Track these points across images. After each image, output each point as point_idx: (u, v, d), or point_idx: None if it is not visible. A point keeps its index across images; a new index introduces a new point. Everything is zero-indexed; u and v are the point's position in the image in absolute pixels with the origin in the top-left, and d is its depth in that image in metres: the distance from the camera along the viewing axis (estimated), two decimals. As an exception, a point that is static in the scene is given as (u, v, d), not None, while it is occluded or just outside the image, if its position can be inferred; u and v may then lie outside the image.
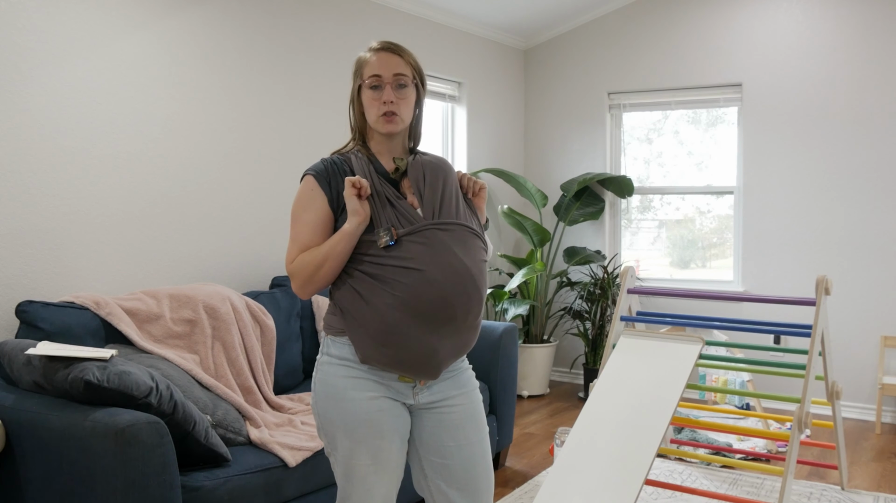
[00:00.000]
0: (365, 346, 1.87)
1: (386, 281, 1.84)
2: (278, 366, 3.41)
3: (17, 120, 2.86)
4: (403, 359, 1.86)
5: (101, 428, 2.14)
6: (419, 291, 1.82)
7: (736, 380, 4.61)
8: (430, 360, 1.87)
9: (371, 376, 1.91)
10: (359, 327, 1.87)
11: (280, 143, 3.93)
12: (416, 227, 1.87)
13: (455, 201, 1.97)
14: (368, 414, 1.88)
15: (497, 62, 5.60)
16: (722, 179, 5.29)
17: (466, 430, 1.99)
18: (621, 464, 2.54)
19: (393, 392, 1.93)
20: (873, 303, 4.76)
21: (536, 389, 5.35)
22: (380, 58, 1.95)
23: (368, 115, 1.98)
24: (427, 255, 1.84)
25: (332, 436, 1.92)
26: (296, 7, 3.99)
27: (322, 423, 1.93)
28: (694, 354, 2.91)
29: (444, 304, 1.84)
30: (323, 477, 2.77)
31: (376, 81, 1.94)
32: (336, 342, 1.92)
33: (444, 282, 1.83)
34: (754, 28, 5.03)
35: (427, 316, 1.83)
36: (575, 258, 5.46)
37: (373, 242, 1.87)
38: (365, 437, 1.89)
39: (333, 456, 1.95)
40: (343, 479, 1.94)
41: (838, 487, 3.59)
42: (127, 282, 3.24)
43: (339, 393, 1.89)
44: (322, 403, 1.92)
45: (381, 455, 1.91)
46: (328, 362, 1.93)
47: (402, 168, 1.98)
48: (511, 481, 3.72)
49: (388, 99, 1.94)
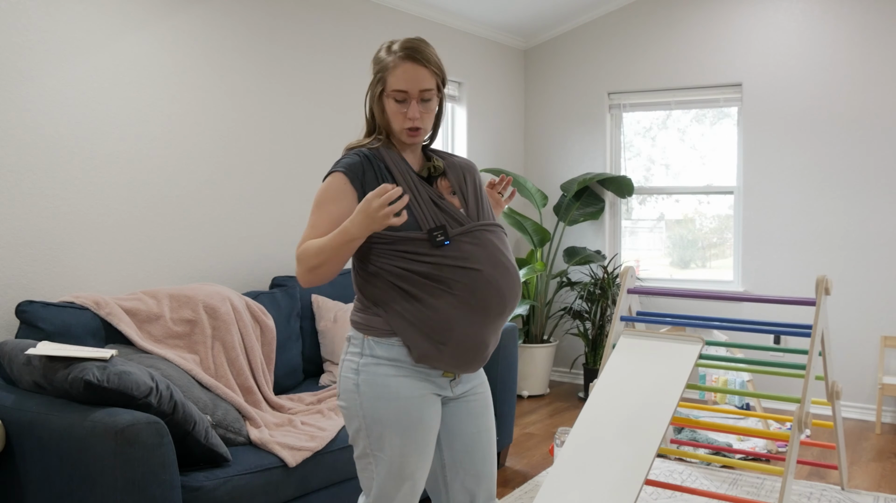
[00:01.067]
0: (422, 346, 1.87)
1: (442, 280, 1.86)
2: (278, 366, 3.41)
3: (17, 120, 2.86)
4: (460, 355, 1.90)
5: (101, 428, 2.14)
6: (478, 290, 1.87)
7: (736, 380, 4.61)
8: (482, 353, 1.94)
9: (419, 374, 1.92)
10: (412, 327, 1.87)
11: (280, 142, 3.93)
12: (468, 227, 1.92)
13: (486, 202, 2.04)
14: (420, 410, 1.91)
15: (497, 62, 5.60)
16: (722, 179, 5.29)
17: (485, 417, 2.08)
18: (621, 464, 2.54)
19: (436, 387, 1.96)
20: (873, 303, 4.76)
21: (536, 389, 5.35)
22: (405, 70, 1.90)
23: (392, 126, 1.96)
24: (482, 255, 1.90)
25: (379, 436, 1.90)
26: (296, 7, 3.99)
27: (367, 424, 1.90)
28: (694, 354, 2.91)
29: (499, 301, 1.90)
30: (323, 477, 2.78)
31: (401, 97, 1.92)
32: (382, 343, 1.90)
33: (500, 280, 1.90)
34: (754, 28, 5.03)
35: (484, 312, 1.89)
36: (575, 258, 5.46)
37: (422, 241, 1.87)
38: (416, 434, 1.91)
39: (375, 456, 1.92)
40: (387, 479, 1.92)
41: (838, 487, 3.59)
42: (127, 283, 3.24)
43: (390, 392, 1.88)
44: (370, 404, 1.89)
45: (427, 450, 1.95)
46: (373, 363, 1.90)
47: (440, 169, 2.01)
48: (511, 481, 3.72)
49: (414, 116, 1.92)
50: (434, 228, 1.87)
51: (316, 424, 2.92)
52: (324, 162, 4.17)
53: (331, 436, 2.82)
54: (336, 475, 2.83)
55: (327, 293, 3.79)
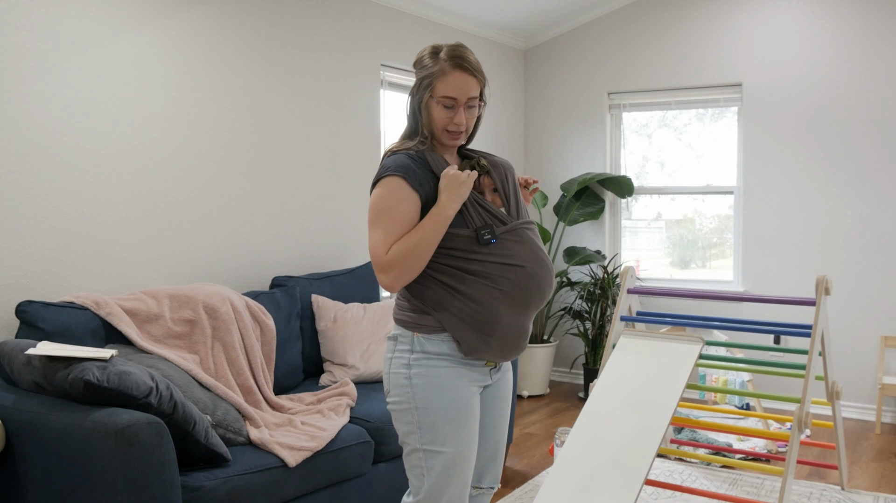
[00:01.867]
0: (471, 340, 1.96)
1: (490, 277, 1.95)
2: (278, 366, 3.41)
3: (17, 120, 2.86)
4: (505, 345, 2.00)
5: (101, 428, 2.14)
6: (523, 285, 1.97)
7: (736, 380, 4.61)
8: (524, 342, 2.06)
9: (466, 366, 2.01)
10: (461, 322, 1.95)
11: (280, 142, 3.93)
12: (511, 225, 2.01)
13: (522, 200, 2.16)
14: (468, 400, 2.00)
15: (497, 62, 5.60)
16: (722, 179, 5.29)
17: (507, 402, 2.20)
18: (621, 464, 2.54)
19: (480, 377, 2.05)
20: (873, 303, 4.76)
21: (536, 389, 5.35)
22: (455, 79, 1.97)
23: (435, 128, 2.02)
24: (525, 252, 2.00)
25: (433, 428, 1.96)
26: (296, 7, 3.99)
27: (420, 417, 1.97)
28: (694, 354, 2.91)
29: (540, 294, 2.02)
30: (323, 477, 2.78)
31: (450, 103, 1.98)
32: (432, 339, 1.98)
33: (541, 276, 2.01)
34: (754, 28, 5.03)
35: (525, 305, 2.00)
36: (575, 258, 5.46)
37: (469, 239, 1.95)
38: (467, 423, 1.99)
39: (427, 450, 1.97)
40: (440, 472, 1.97)
41: (838, 487, 3.59)
42: (127, 282, 3.24)
43: (441, 383, 1.96)
44: (422, 395, 1.96)
45: (474, 440, 2.03)
46: (425, 358, 1.97)
47: (485, 168, 2.08)
48: (511, 481, 3.72)
49: (461, 122, 2.00)
50: (481, 227, 1.96)
51: (316, 424, 2.93)
52: (324, 162, 4.17)
53: (331, 436, 2.82)
54: (336, 475, 2.83)
55: (327, 293, 3.79)
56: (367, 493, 3.00)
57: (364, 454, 2.96)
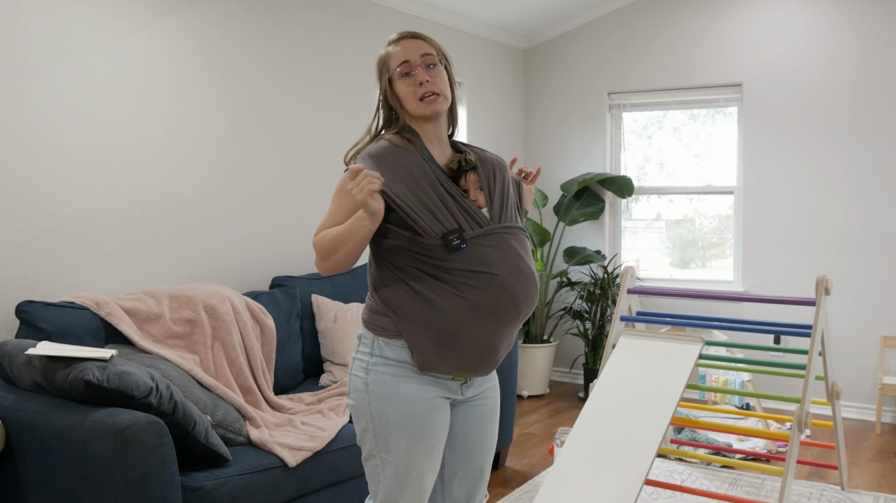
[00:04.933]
0: (426, 353, 1.83)
1: (454, 284, 1.80)
2: (278, 366, 3.41)
3: (17, 120, 2.86)
4: (466, 362, 1.86)
5: (101, 428, 2.13)
6: (492, 295, 1.81)
7: (736, 380, 4.61)
8: (492, 359, 1.90)
9: (428, 377, 1.89)
10: (419, 331, 1.83)
11: (280, 142, 3.93)
12: (487, 229, 1.86)
13: (512, 203, 1.99)
14: (428, 413, 1.88)
15: (497, 62, 5.60)
16: (722, 179, 5.29)
17: (491, 422, 2.06)
18: (621, 464, 2.54)
19: (446, 390, 1.92)
20: (873, 303, 4.76)
21: (536, 389, 5.35)
22: (403, 45, 1.94)
23: (408, 105, 1.92)
24: (499, 259, 1.84)
25: (386, 438, 1.87)
26: (296, 7, 3.99)
27: (374, 425, 1.88)
28: (694, 354, 2.91)
29: (514, 307, 1.85)
30: (323, 477, 2.77)
31: (406, 68, 1.91)
32: (391, 345, 1.87)
33: (516, 286, 1.84)
34: (754, 28, 5.03)
35: (496, 318, 1.84)
36: (575, 258, 5.46)
37: (433, 244, 1.81)
38: (424, 437, 1.88)
39: (382, 457, 1.90)
40: (394, 481, 1.89)
41: (838, 487, 3.59)
42: (127, 282, 3.24)
43: (398, 393, 1.85)
44: (377, 404, 1.86)
45: (434, 454, 1.91)
46: (382, 363, 1.87)
47: (472, 163, 1.95)
48: (511, 481, 3.72)
49: (423, 79, 1.90)
50: (449, 232, 1.80)
51: (316, 424, 2.92)
52: (323, 161, 4.17)
53: (331, 436, 2.82)
54: (336, 475, 2.83)
55: (327, 293, 3.79)
56: (366, 493, 3.00)
57: (364, 454, 2.95)
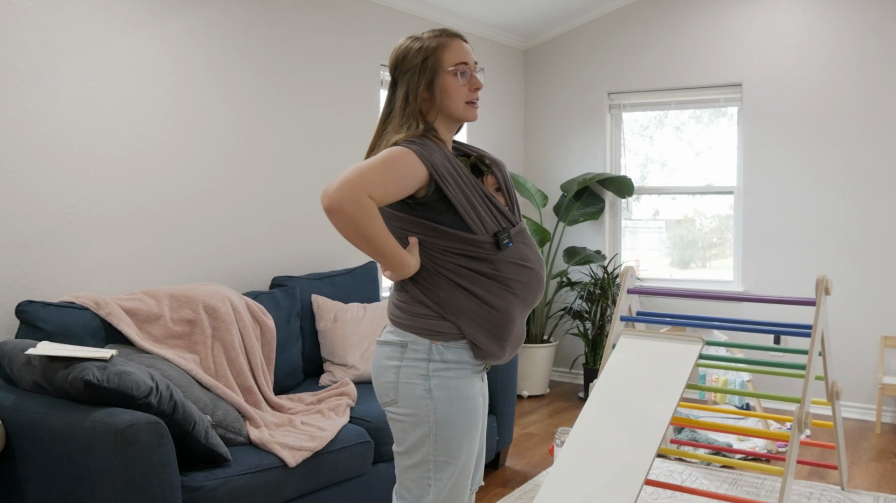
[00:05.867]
0: (489, 347, 1.90)
1: (504, 280, 1.89)
2: (278, 366, 3.41)
3: (17, 120, 2.86)
4: (513, 348, 1.96)
5: (101, 428, 2.14)
6: (532, 287, 1.95)
7: (736, 380, 4.61)
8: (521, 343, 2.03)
9: (475, 373, 1.94)
10: (481, 329, 1.88)
11: (280, 142, 3.93)
12: (519, 227, 1.96)
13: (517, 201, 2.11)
14: (479, 410, 1.95)
15: (497, 62, 5.60)
16: (722, 179, 5.29)
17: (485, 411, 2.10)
18: (621, 464, 2.54)
19: (482, 383, 2.00)
20: (873, 303, 4.76)
21: (536, 389, 5.35)
22: (458, 45, 1.92)
23: (453, 104, 1.92)
24: (532, 254, 1.96)
25: (448, 440, 1.88)
26: (296, 7, 3.99)
27: (437, 429, 1.87)
28: (694, 354, 2.91)
29: (541, 295, 2.02)
30: (323, 477, 2.78)
31: (464, 68, 1.91)
32: (450, 347, 1.89)
33: (543, 276, 2.00)
34: (754, 28, 5.03)
35: (531, 306, 1.98)
36: (575, 258, 5.46)
37: (487, 242, 1.87)
38: (477, 432, 1.95)
39: (440, 461, 1.88)
40: (455, 483, 1.90)
41: (838, 487, 3.59)
42: (127, 283, 3.24)
43: (462, 394, 1.89)
44: (444, 408, 1.87)
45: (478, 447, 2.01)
46: (444, 368, 1.88)
47: (489, 168, 2.01)
48: (511, 481, 3.72)
49: (479, 85, 1.94)
50: (500, 231, 1.89)
51: (316, 424, 2.93)
52: (323, 161, 4.17)
53: (331, 436, 2.82)
54: (336, 475, 2.83)
55: (327, 293, 3.79)
56: (367, 493, 3.00)
57: (364, 454, 2.96)
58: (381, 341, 1.96)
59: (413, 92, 1.91)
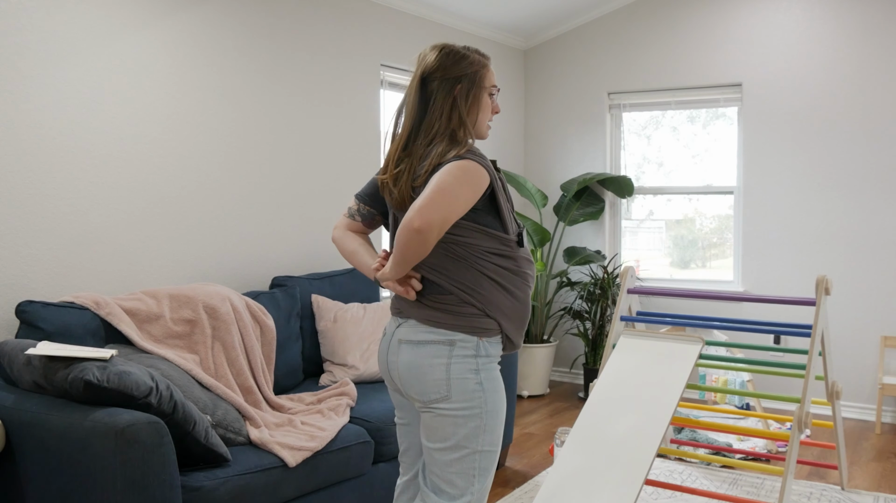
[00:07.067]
0: (515, 337, 2.06)
1: (523, 275, 2.05)
2: (278, 366, 3.41)
3: (17, 120, 2.86)
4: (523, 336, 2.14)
5: (101, 428, 2.14)
6: (533, 280, 2.11)
7: (736, 380, 4.61)
8: None
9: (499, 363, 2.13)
10: (513, 322, 2.04)
11: (280, 142, 3.93)
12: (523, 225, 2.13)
13: None
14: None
15: (497, 62, 5.60)
16: (722, 179, 5.29)
17: None
18: (621, 464, 2.54)
19: None
20: (873, 303, 4.76)
21: (536, 389, 5.35)
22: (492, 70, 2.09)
23: (481, 123, 2.06)
24: (529, 252, 2.12)
25: (493, 429, 2.01)
26: (296, 7, 3.99)
27: (487, 420, 1.99)
28: (694, 354, 2.91)
29: None
30: (323, 477, 2.78)
31: (494, 91, 2.08)
32: (493, 342, 2.02)
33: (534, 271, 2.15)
34: (754, 28, 5.03)
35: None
36: (575, 258, 5.46)
37: (513, 241, 2.02)
38: None
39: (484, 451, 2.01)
40: (490, 471, 2.04)
41: (838, 487, 3.59)
42: (127, 283, 3.24)
43: (501, 385, 2.05)
44: (492, 398, 2.00)
45: None
46: (488, 362, 2.01)
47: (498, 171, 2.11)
48: (511, 481, 3.72)
49: (499, 110, 2.12)
50: (520, 230, 2.06)
51: (316, 424, 2.93)
52: (324, 162, 4.17)
53: (331, 436, 2.82)
54: (336, 475, 2.83)
55: (327, 293, 3.79)
56: (367, 493, 3.00)
57: (364, 454, 2.96)
58: (418, 341, 1.98)
59: (463, 98, 1.99)
